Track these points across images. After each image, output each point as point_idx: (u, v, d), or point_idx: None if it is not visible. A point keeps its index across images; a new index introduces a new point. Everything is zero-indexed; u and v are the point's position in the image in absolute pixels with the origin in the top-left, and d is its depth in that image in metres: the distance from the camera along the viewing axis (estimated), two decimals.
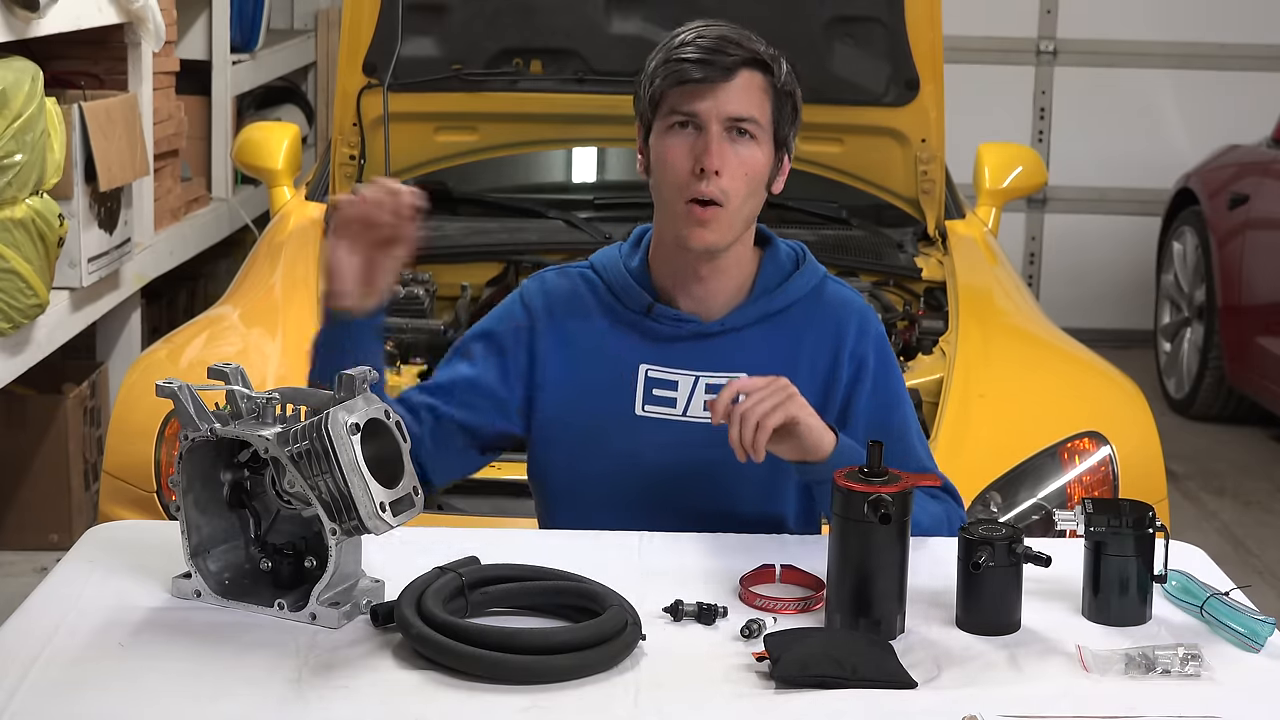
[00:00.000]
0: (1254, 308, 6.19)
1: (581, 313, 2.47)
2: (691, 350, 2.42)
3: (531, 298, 2.50)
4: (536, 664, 1.89)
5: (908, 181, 4.37)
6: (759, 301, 2.43)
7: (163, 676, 1.90)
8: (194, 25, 6.10)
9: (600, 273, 2.49)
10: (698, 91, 2.32)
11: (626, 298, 2.45)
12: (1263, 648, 2.03)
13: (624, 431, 2.43)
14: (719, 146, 2.32)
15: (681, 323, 2.42)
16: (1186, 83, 7.66)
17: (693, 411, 2.42)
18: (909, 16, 4.17)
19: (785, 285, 2.44)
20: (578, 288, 2.49)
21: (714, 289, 2.42)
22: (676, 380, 2.42)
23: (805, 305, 2.45)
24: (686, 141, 2.34)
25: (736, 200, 2.34)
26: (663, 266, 2.44)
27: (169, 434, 3.29)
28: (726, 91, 2.33)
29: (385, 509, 1.97)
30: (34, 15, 4.13)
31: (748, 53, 2.35)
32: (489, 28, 4.26)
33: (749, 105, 2.34)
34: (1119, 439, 3.34)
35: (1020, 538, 2.07)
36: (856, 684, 1.89)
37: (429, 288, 4.11)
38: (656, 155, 2.38)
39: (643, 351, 2.43)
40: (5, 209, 3.96)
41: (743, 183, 2.34)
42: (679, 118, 2.34)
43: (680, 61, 2.33)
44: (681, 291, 2.43)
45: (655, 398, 2.43)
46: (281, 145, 4.75)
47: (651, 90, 2.36)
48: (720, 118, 2.32)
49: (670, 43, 2.37)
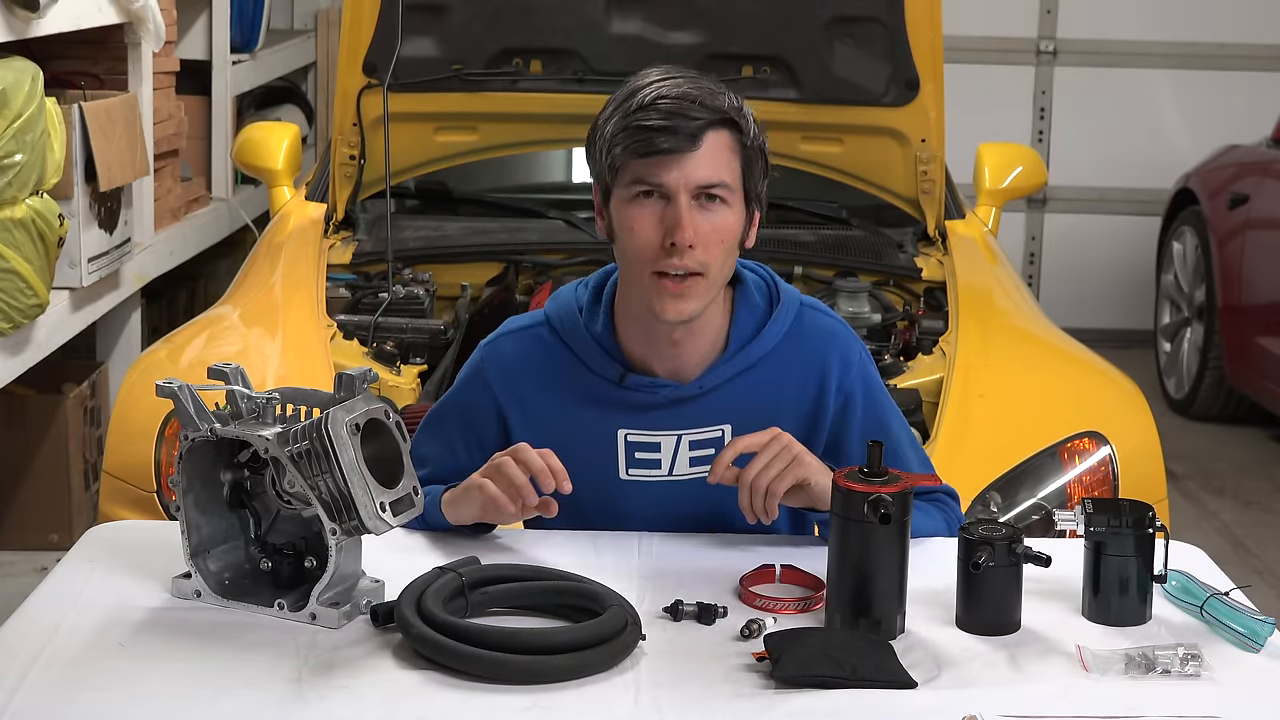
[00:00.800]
0: (1254, 308, 6.19)
1: (547, 382, 2.37)
2: (670, 413, 2.34)
3: (489, 372, 2.40)
4: (536, 664, 1.89)
5: (908, 181, 4.37)
6: (736, 357, 2.34)
7: (163, 676, 1.90)
8: (194, 25, 6.10)
9: (561, 335, 2.37)
10: (663, 162, 2.19)
11: (596, 367, 2.34)
12: (1263, 648, 2.03)
13: (610, 496, 2.37)
14: (690, 217, 2.19)
15: (658, 389, 2.33)
16: (1186, 83, 7.66)
17: (678, 471, 2.36)
18: (909, 16, 4.17)
19: (761, 334, 2.35)
20: (537, 354, 2.38)
21: (688, 350, 2.32)
22: (659, 442, 2.34)
23: (784, 347, 2.36)
24: (654, 212, 2.21)
25: (715, 268, 2.23)
26: (633, 333, 2.33)
27: (169, 434, 3.29)
28: (694, 160, 2.19)
29: (385, 509, 1.97)
30: (34, 15, 4.13)
31: (713, 113, 2.20)
32: (489, 28, 4.25)
33: (718, 170, 2.21)
34: (1119, 439, 3.34)
35: (1020, 538, 2.07)
36: (856, 684, 1.89)
37: (429, 288, 4.12)
38: (621, 224, 2.25)
39: (619, 418, 2.34)
40: (5, 209, 3.96)
41: (718, 250, 2.22)
42: (644, 187, 2.21)
43: (642, 129, 2.18)
44: (654, 357, 2.33)
45: (638, 461, 2.36)
46: (281, 145, 4.75)
47: (611, 157, 2.23)
48: (689, 187, 2.20)
49: (628, 104, 2.22)
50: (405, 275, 4.17)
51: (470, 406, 2.42)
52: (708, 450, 2.34)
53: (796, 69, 4.24)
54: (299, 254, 4.15)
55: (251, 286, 4.08)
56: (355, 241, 4.31)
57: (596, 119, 2.29)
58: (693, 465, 2.35)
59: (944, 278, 4.15)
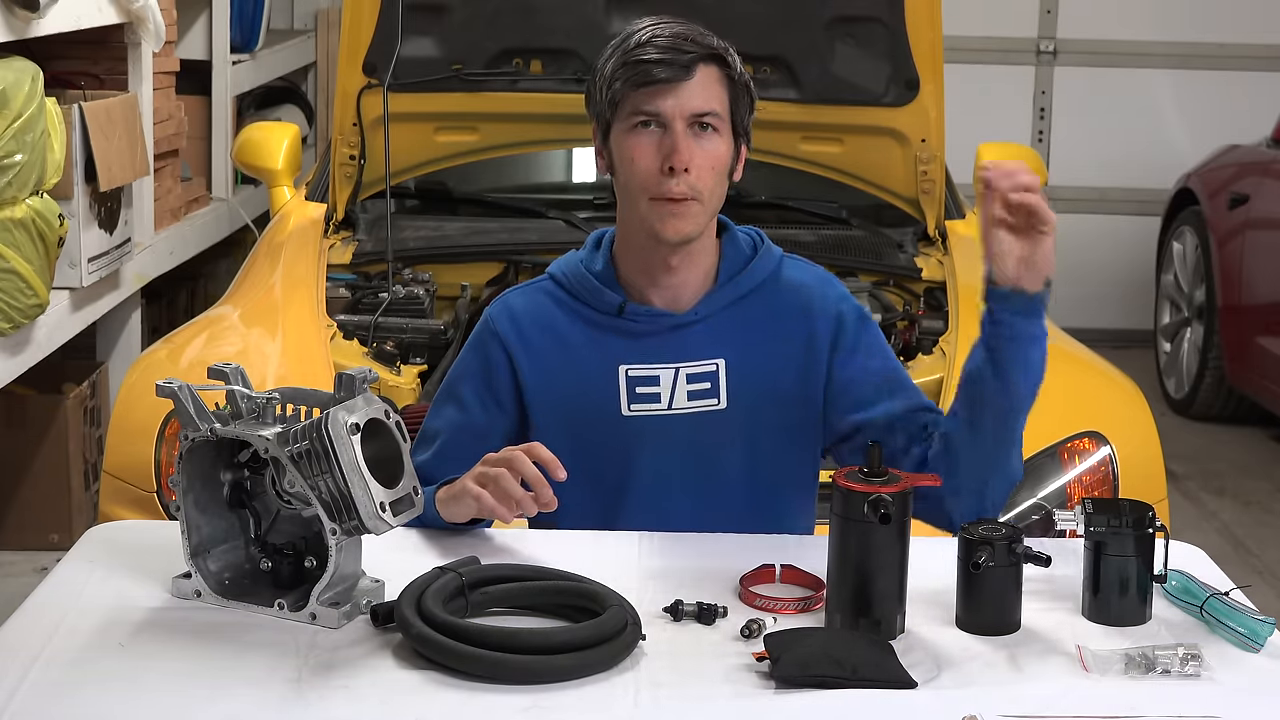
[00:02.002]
0: (1254, 308, 6.19)
1: (551, 326, 2.48)
2: (668, 343, 2.44)
3: (498, 322, 2.50)
4: (536, 664, 1.89)
5: (908, 181, 4.37)
6: (726, 287, 2.46)
7: (163, 676, 1.90)
8: (194, 25, 6.10)
9: (563, 282, 2.50)
10: (660, 91, 2.35)
11: (596, 301, 2.47)
12: (1263, 648, 2.03)
13: (614, 434, 2.44)
14: (685, 143, 2.35)
15: (655, 317, 2.44)
16: (1186, 83, 7.66)
17: (677, 404, 2.44)
18: (909, 16, 4.17)
19: (748, 268, 2.47)
20: (542, 302, 2.50)
21: (684, 279, 2.44)
22: (658, 375, 2.43)
23: (770, 286, 2.48)
24: (652, 140, 2.36)
25: (707, 193, 2.37)
26: (632, 263, 2.46)
27: (169, 434, 3.29)
28: (688, 89, 2.36)
29: (385, 509, 1.97)
30: (34, 15, 4.13)
31: (704, 48, 2.37)
32: (489, 28, 4.26)
33: (710, 99, 2.37)
34: (1119, 439, 3.34)
35: (1020, 538, 2.07)
36: (856, 684, 1.89)
37: (429, 288, 4.12)
38: (621, 155, 2.40)
39: (619, 352, 2.44)
40: (5, 209, 3.96)
41: (710, 175, 2.37)
42: (642, 117, 2.37)
43: (641, 63, 2.35)
44: (651, 286, 2.45)
45: (639, 395, 2.44)
46: (281, 145, 4.75)
47: (611, 92, 2.39)
48: (684, 115, 2.35)
49: (625, 43, 2.39)
50: (405, 275, 4.17)
51: (481, 362, 2.50)
52: (704, 384, 2.43)
53: (796, 69, 4.24)
54: (299, 254, 4.15)
55: (251, 286, 4.07)
56: (355, 241, 4.31)
57: (594, 64, 2.45)
58: (690, 399, 2.43)
59: (944, 278, 4.15)
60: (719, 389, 2.43)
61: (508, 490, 2.24)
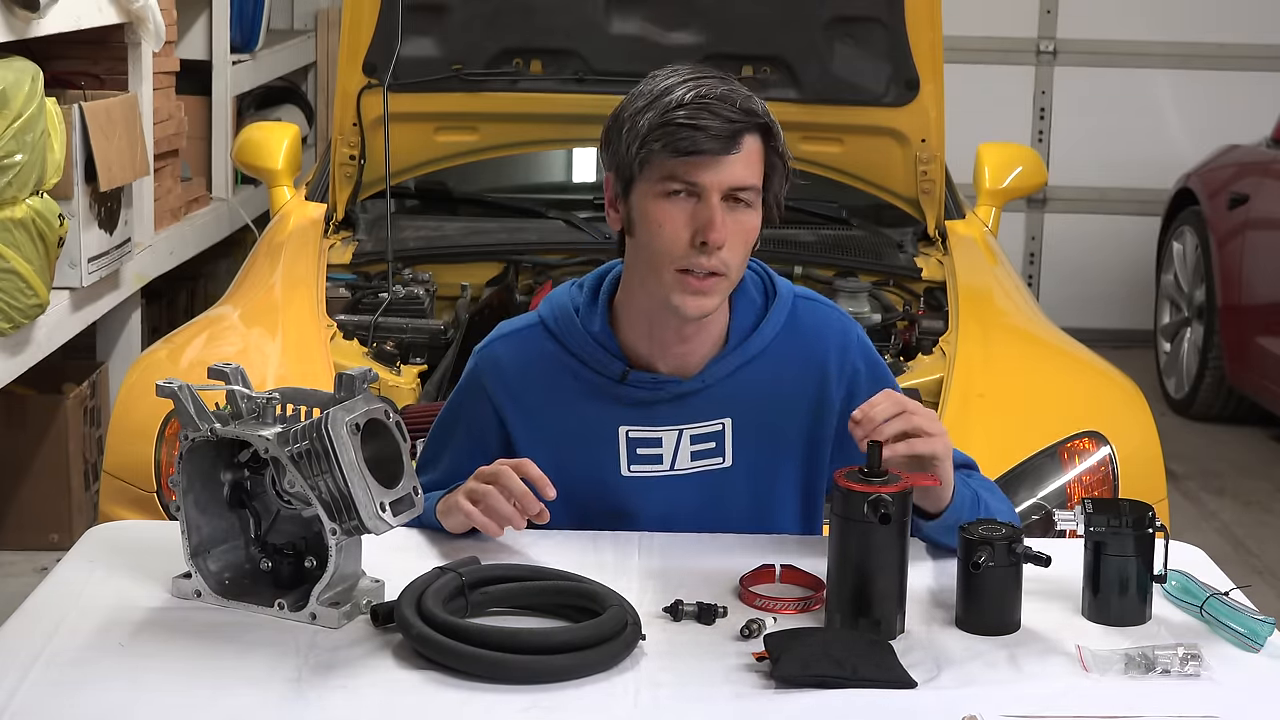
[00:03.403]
0: (1254, 308, 6.19)
1: (544, 383, 2.37)
2: (671, 409, 2.34)
3: (486, 376, 2.40)
4: (536, 664, 1.89)
5: (908, 181, 4.37)
6: (736, 351, 2.35)
7: (163, 676, 1.90)
8: (194, 25, 6.10)
9: (557, 335, 2.37)
10: (700, 163, 2.19)
11: (595, 364, 2.35)
12: (1263, 648, 2.03)
13: (613, 494, 2.37)
14: (721, 218, 2.20)
15: (660, 385, 2.33)
16: (1186, 83, 7.66)
17: (679, 465, 2.36)
18: (909, 16, 4.17)
19: (759, 328, 2.36)
20: (533, 353, 2.38)
21: (694, 347, 2.33)
22: (660, 438, 2.35)
23: (782, 340, 2.37)
24: (685, 210, 2.21)
25: (734, 269, 2.25)
26: (638, 329, 2.33)
27: (169, 434, 3.29)
28: (730, 164, 2.20)
29: (385, 509, 1.97)
30: (34, 15, 4.13)
31: (750, 116, 2.22)
32: (489, 28, 4.25)
33: (749, 175, 2.23)
34: (1119, 439, 3.34)
35: (1020, 538, 2.07)
36: (856, 684, 1.89)
37: (429, 288, 4.11)
38: (647, 218, 2.24)
39: (619, 415, 2.35)
40: (5, 209, 3.96)
41: (740, 250, 2.25)
42: (676, 185, 2.21)
43: (683, 128, 2.18)
44: (659, 354, 2.33)
45: (640, 457, 2.36)
46: (281, 145, 4.75)
47: (644, 151, 2.21)
48: (722, 188, 2.21)
49: (665, 100, 2.21)
50: (405, 275, 4.17)
51: (470, 416, 2.43)
52: (709, 444, 2.36)
53: (796, 69, 4.23)
54: (299, 254, 4.15)
55: (251, 286, 4.07)
56: (355, 241, 4.31)
57: (620, 111, 2.27)
58: (694, 459, 2.36)
59: (944, 278, 4.15)
60: (724, 448, 2.35)
61: (496, 508, 2.22)
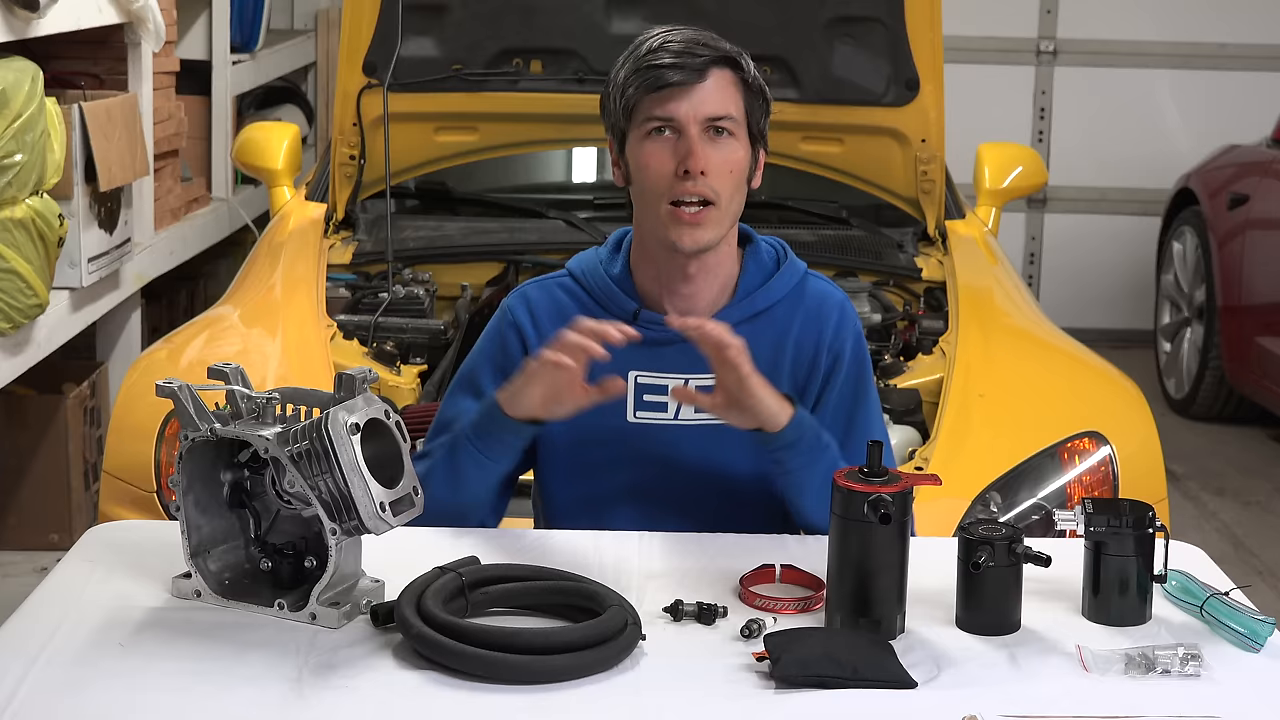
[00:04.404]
0: (1254, 308, 6.19)
1: (566, 322, 2.42)
2: (679, 353, 2.41)
3: (516, 313, 2.49)
4: (536, 664, 1.89)
5: (908, 181, 4.37)
6: (743, 302, 2.44)
7: (163, 676, 1.90)
8: (194, 25, 6.10)
9: (580, 280, 2.49)
10: (673, 94, 2.33)
11: (611, 304, 2.45)
12: (1263, 648, 2.03)
13: (617, 439, 2.43)
14: (701, 147, 2.32)
15: (668, 327, 2.40)
16: (1186, 83, 7.66)
17: (683, 415, 2.43)
18: (909, 16, 4.17)
19: (768, 284, 2.46)
20: (559, 298, 2.49)
21: (701, 288, 2.42)
22: (666, 384, 2.42)
23: (788, 303, 2.46)
24: (667, 145, 2.34)
25: (725, 197, 2.35)
26: (647, 270, 2.44)
27: (169, 434, 3.29)
28: (702, 92, 2.34)
29: (385, 509, 1.97)
30: (34, 15, 4.13)
31: (716, 51, 2.36)
32: (489, 28, 4.26)
33: (725, 103, 2.35)
34: (1119, 439, 3.34)
35: (1020, 538, 2.07)
36: (856, 684, 1.90)
37: (429, 288, 4.12)
38: (636, 162, 2.38)
39: (631, 358, 2.41)
40: (5, 209, 3.96)
41: (728, 180, 2.35)
42: (656, 123, 2.35)
43: (653, 67, 2.34)
44: (667, 294, 2.43)
45: (646, 404, 2.43)
46: (281, 145, 4.75)
47: (625, 99, 2.37)
48: (698, 119, 2.33)
49: (637, 51, 2.38)
50: (405, 275, 4.17)
51: (498, 351, 2.49)
52: None
53: (796, 69, 4.23)
54: (299, 254, 4.15)
55: (251, 286, 4.08)
56: (355, 241, 4.31)
57: (609, 74, 2.43)
58: (698, 411, 2.41)
59: (944, 278, 4.15)
60: None
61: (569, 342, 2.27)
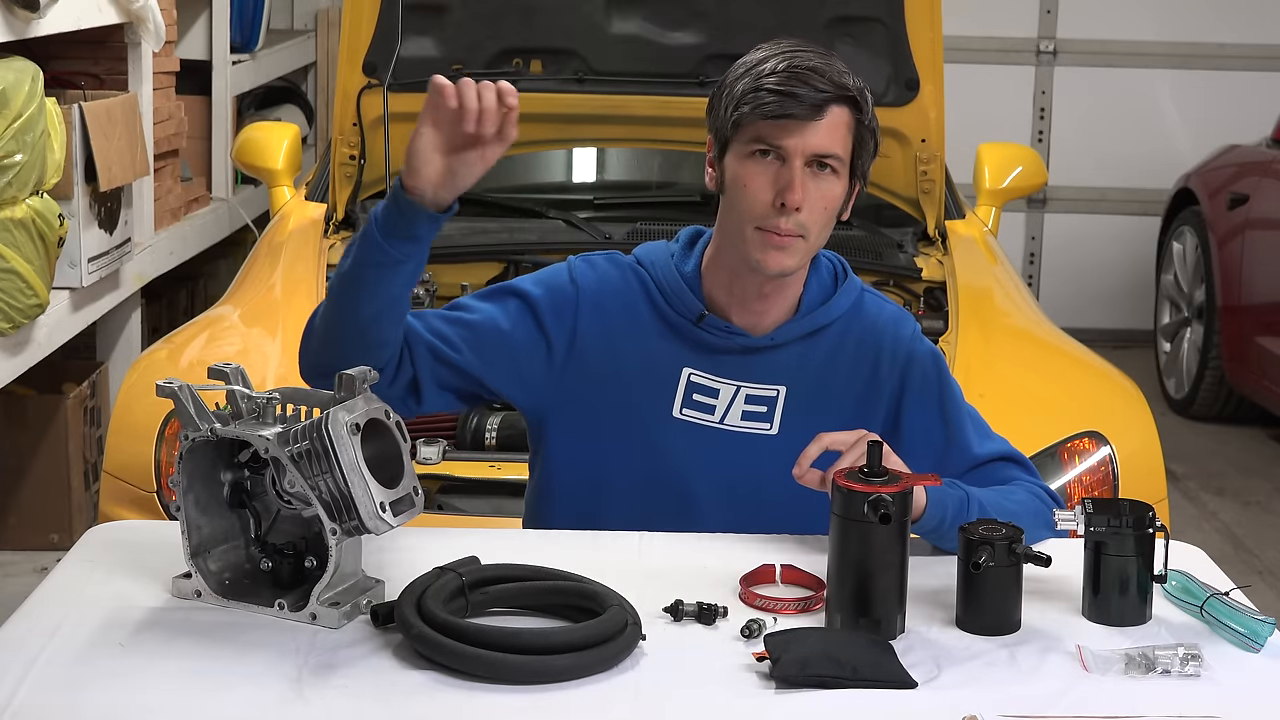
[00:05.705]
0: (1254, 308, 6.19)
1: (629, 306, 2.45)
2: (736, 361, 2.42)
3: (581, 277, 2.46)
4: (536, 664, 1.89)
5: (908, 181, 4.37)
6: (805, 319, 2.44)
7: (163, 676, 1.90)
8: (194, 25, 6.10)
9: (650, 271, 2.46)
10: (786, 127, 2.31)
11: (678, 303, 2.44)
12: (1263, 648, 2.03)
13: (659, 431, 2.42)
14: (801, 182, 2.31)
15: (731, 335, 2.42)
16: (1186, 83, 7.67)
17: (729, 421, 2.42)
18: (909, 16, 4.17)
19: (829, 303, 2.45)
20: (628, 280, 2.46)
21: (771, 306, 2.42)
22: (719, 388, 2.42)
23: (845, 320, 2.46)
24: (769, 171, 2.32)
25: (814, 232, 2.34)
26: (720, 280, 2.43)
27: (169, 434, 3.29)
28: (815, 130, 2.31)
29: (385, 509, 1.97)
30: (34, 15, 4.13)
31: (838, 89, 2.32)
32: (489, 28, 4.25)
33: (834, 142, 2.33)
34: (1119, 439, 3.34)
35: (1020, 538, 2.07)
36: (856, 684, 1.90)
37: (429, 288, 4.11)
38: (735, 178, 2.35)
39: (687, 356, 2.42)
40: (5, 209, 3.97)
41: (820, 215, 2.34)
42: (762, 147, 2.32)
43: (773, 93, 2.30)
44: (737, 306, 2.42)
45: (694, 402, 2.42)
46: (281, 145, 4.75)
47: (737, 114, 2.33)
48: (805, 153, 2.31)
49: (759, 67, 2.34)
50: None
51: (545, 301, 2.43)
52: (760, 407, 2.42)
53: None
54: (299, 254, 4.15)
55: (251, 286, 4.08)
56: None
57: (724, 77, 2.39)
58: (743, 419, 2.41)
59: (944, 278, 4.15)
60: (774, 415, 2.41)
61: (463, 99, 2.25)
